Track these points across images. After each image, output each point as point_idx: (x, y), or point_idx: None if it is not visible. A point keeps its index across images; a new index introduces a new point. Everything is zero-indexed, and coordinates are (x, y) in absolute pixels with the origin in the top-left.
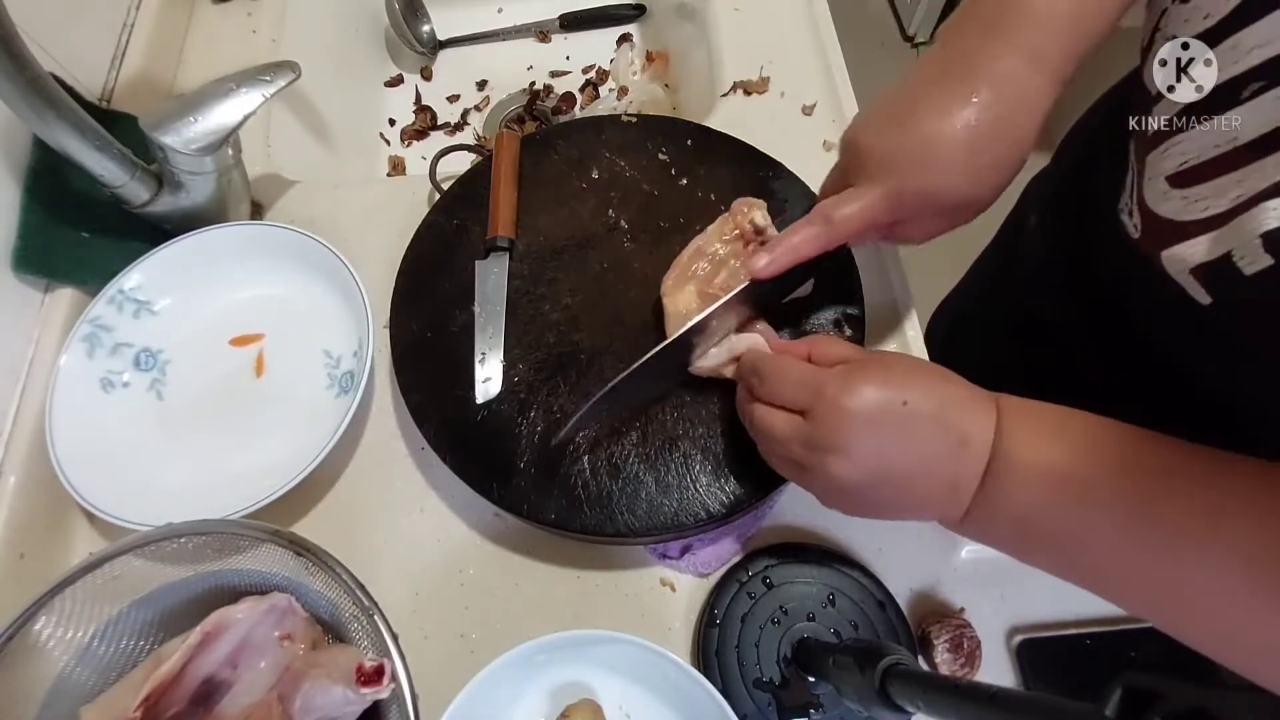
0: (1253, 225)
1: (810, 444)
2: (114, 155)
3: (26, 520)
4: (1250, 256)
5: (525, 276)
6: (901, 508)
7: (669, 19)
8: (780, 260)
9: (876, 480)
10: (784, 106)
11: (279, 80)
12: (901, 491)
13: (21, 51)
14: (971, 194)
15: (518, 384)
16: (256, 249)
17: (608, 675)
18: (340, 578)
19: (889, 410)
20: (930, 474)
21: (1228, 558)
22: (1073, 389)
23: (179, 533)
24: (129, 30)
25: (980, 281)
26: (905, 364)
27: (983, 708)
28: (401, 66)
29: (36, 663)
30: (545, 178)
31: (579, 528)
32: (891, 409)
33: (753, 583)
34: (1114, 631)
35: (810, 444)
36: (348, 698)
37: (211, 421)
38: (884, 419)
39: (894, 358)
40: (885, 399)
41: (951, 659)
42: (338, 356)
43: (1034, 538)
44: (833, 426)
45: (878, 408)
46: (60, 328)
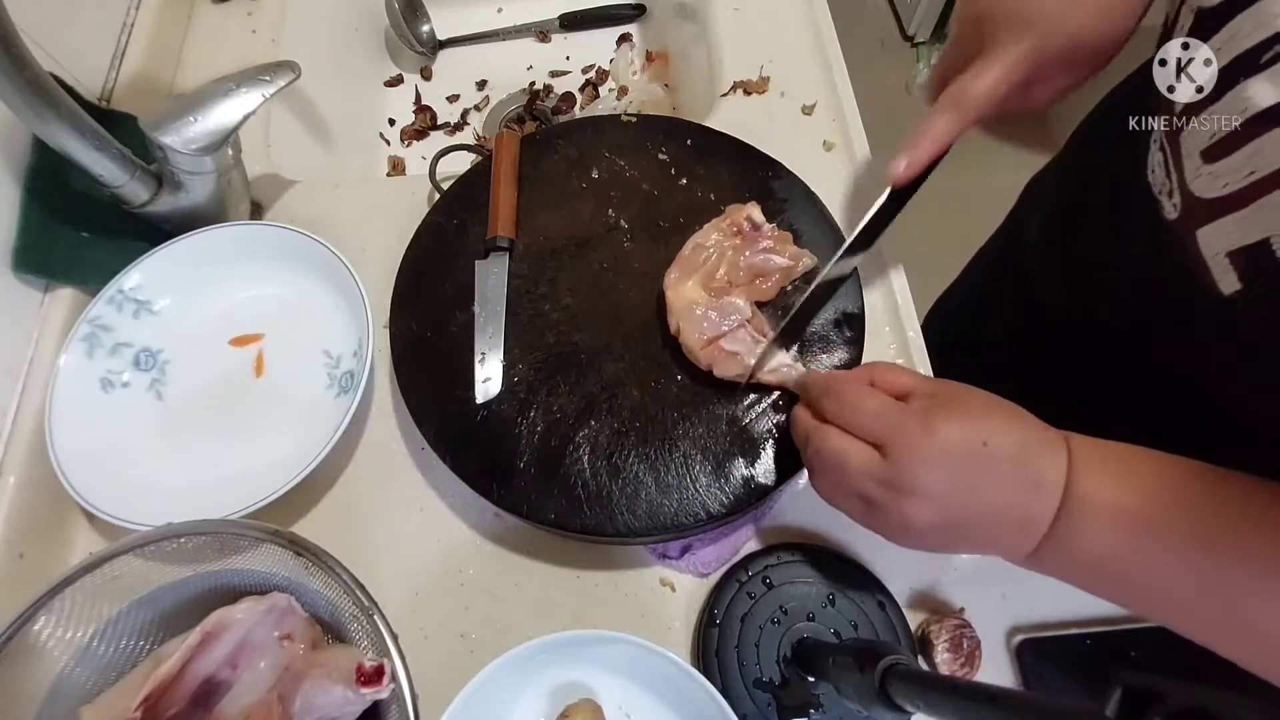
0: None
1: (887, 483)
2: (114, 155)
3: (26, 520)
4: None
5: (525, 276)
6: (970, 546)
7: (669, 19)
8: (921, 156)
9: (951, 522)
10: (784, 106)
11: (279, 80)
12: (974, 533)
13: (21, 51)
14: (1110, 35)
15: (518, 384)
16: (256, 249)
17: (608, 675)
18: (340, 578)
19: (970, 453)
20: (1003, 515)
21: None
22: (1072, 389)
23: (179, 533)
24: (129, 30)
25: (980, 280)
26: (980, 401)
27: (983, 708)
28: (401, 66)
29: (36, 663)
30: (545, 178)
31: (579, 528)
32: (972, 451)
33: (753, 583)
34: (1114, 631)
35: (887, 483)
36: (348, 698)
37: (211, 421)
38: (964, 462)
39: (967, 393)
40: (966, 441)
41: (951, 659)
42: (337, 356)
43: (1107, 577)
44: (913, 467)
45: (959, 451)
46: (60, 328)
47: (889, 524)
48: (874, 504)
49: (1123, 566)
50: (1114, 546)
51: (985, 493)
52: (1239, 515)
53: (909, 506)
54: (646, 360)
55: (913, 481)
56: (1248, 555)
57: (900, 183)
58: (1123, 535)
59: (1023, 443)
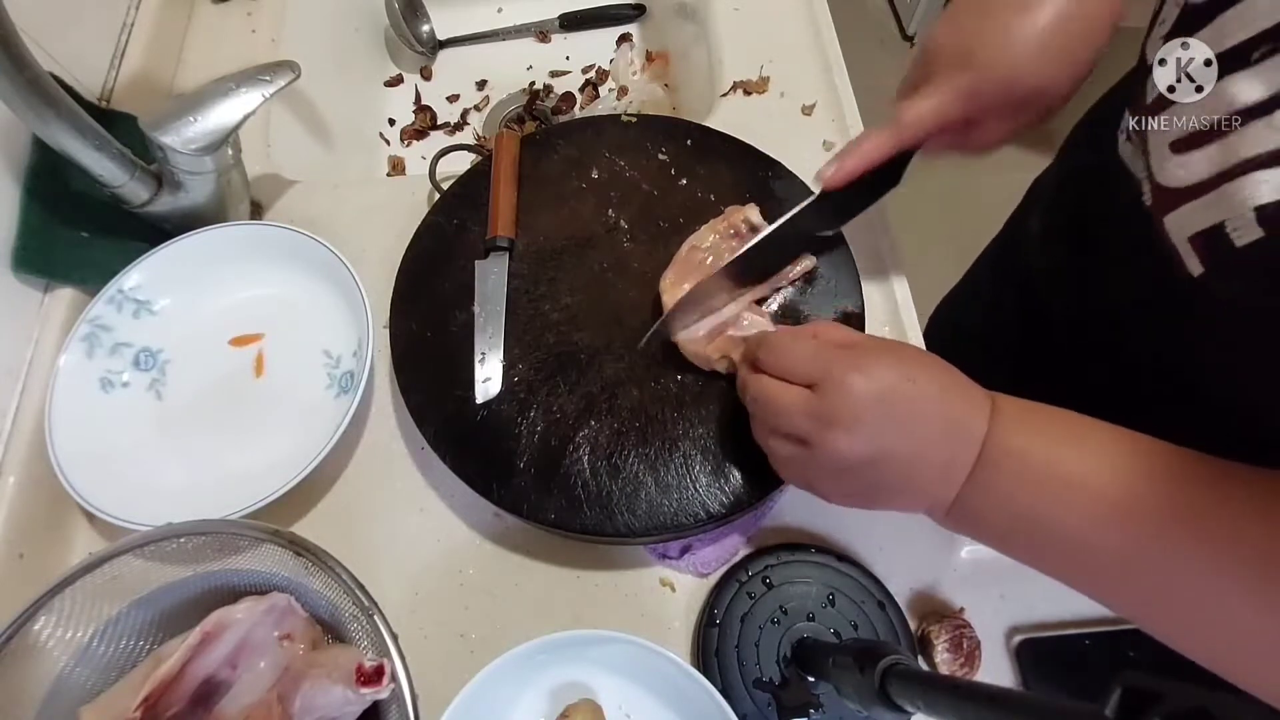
0: (1245, 195)
1: (816, 416)
2: (113, 155)
3: (26, 520)
4: (1243, 229)
5: (525, 276)
6: (895, 490)
7: (669, 19)
8: (848, 167)
9: (876, 457)
10: (784, 106)
11: (279, 80)
12: (898, 471)
13: (21, 51)
14: (1049, 81)
15: (518, 384)
16: (256, 249)
17: (608, 675)
18: (340, 578)
19: (897, 388)
20: (927, 455)
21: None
22: (1073, 389)
23: (179, 533)
24: (128, 30)
25: (982, 281)
26: (911, 350)
27: (982, 708)
28: (401, 66)
29: (36, 663)
30: (545, 178)
31: (579, 528)
32: (899, 387)
33: (753, 583)
34: (1114, 631)
35: (816, 416)
36: (347, 698)
37: (211, 421)
38: (891, 396)
39: (899, 344)
40: (894, 376)
41: (951, 659)
42: (337, 356)
43: (1019, 531)
44: (841, 400)
45: (887, 385)
46: (60, 328)
47: (821, 463)
48: (806, 442)
49: (1035, 516)
50: (1029, 499)
51: (910, 428)
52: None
53: (838, 439)
54: (646, 360)
55: (840, 412)
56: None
57: (829, 187)
58: (1035, 487)
59: (948, 386)
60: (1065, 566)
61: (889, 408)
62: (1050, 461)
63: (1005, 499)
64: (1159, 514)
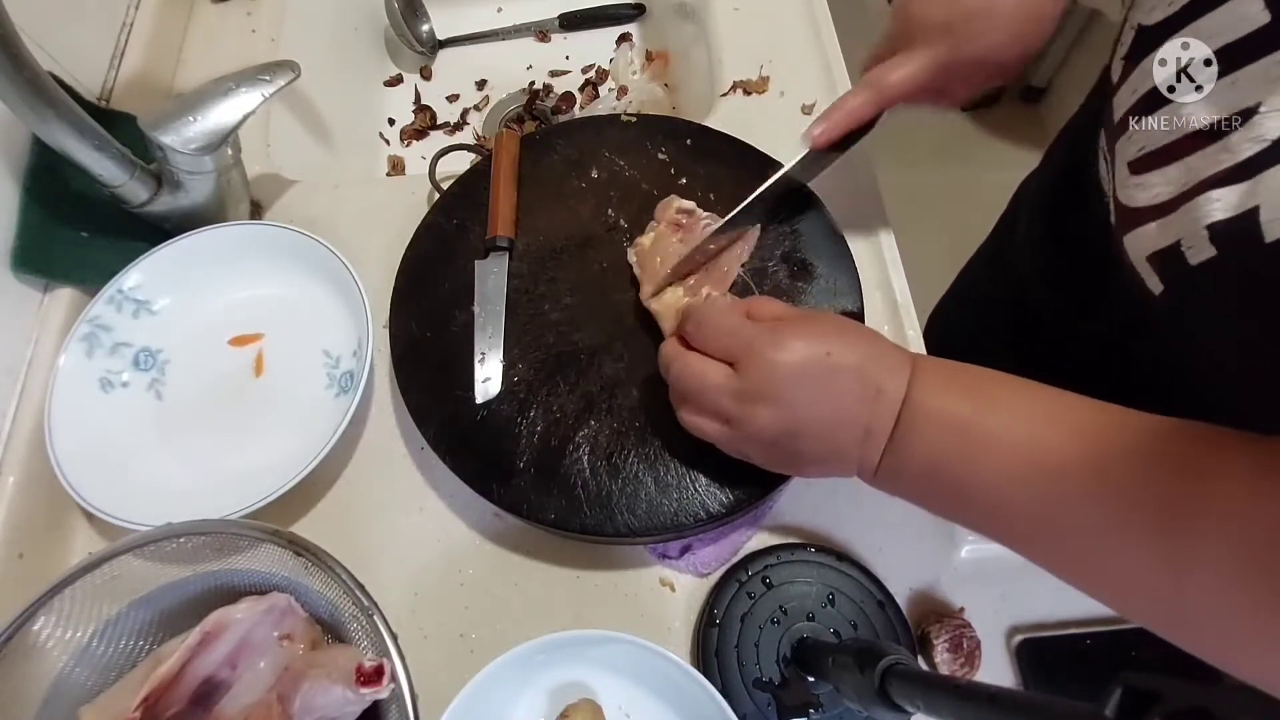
0: (1199, 214)
1: (737, 394)
2: (113, 155)
3: (26, 520)
4: (1197, 247)
5: (525, 276)
6: (820, 458)
7: (669, 19)
8: (836, 127)
9: (796, 430)
10: (784, 106)
11: (278, 80)
12: (820, 440)
13: (21, 51)
14: (1019, 53)
15: (517, 384)
16: (256, 249)
17: (608, 675)
18: (339, 578)
19: (813, 362)
20: (846, 423)
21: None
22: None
23: (178, 533)
24: (128, 30)
25: (978, 279)
26: (833, 321)
27: (982, 708)
28: (401, 66)
29: (36, 663)
30: (545, 177)
31: (579, 528)
32: (816, 360)
33: (752, 583)
34: (1114, 631)
35: (737, 394)
36: (347, 698)
37: (211, 421)
38: (808, 370)
39: (823, 315)
40: (810, 351)
41: (951, 659)
42: (337, 356)
43: (937, 485)
44: (761, 377)
45: (803, 359)
46: (59, 327)
47: (741, 434)
48: (730, 419)
49: (950, 477)
50: (943, 457)
51: (827, 398)
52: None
53: (759, 414)
54: (646, 360)
55: (759, 388)
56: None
57: (818, 146)
58: (950, 446)
59: (866, 355)
60: (980, 521)
61: (806, 381)
62: (967, 421)
63: (922, 459)
64: (1067, 467)
